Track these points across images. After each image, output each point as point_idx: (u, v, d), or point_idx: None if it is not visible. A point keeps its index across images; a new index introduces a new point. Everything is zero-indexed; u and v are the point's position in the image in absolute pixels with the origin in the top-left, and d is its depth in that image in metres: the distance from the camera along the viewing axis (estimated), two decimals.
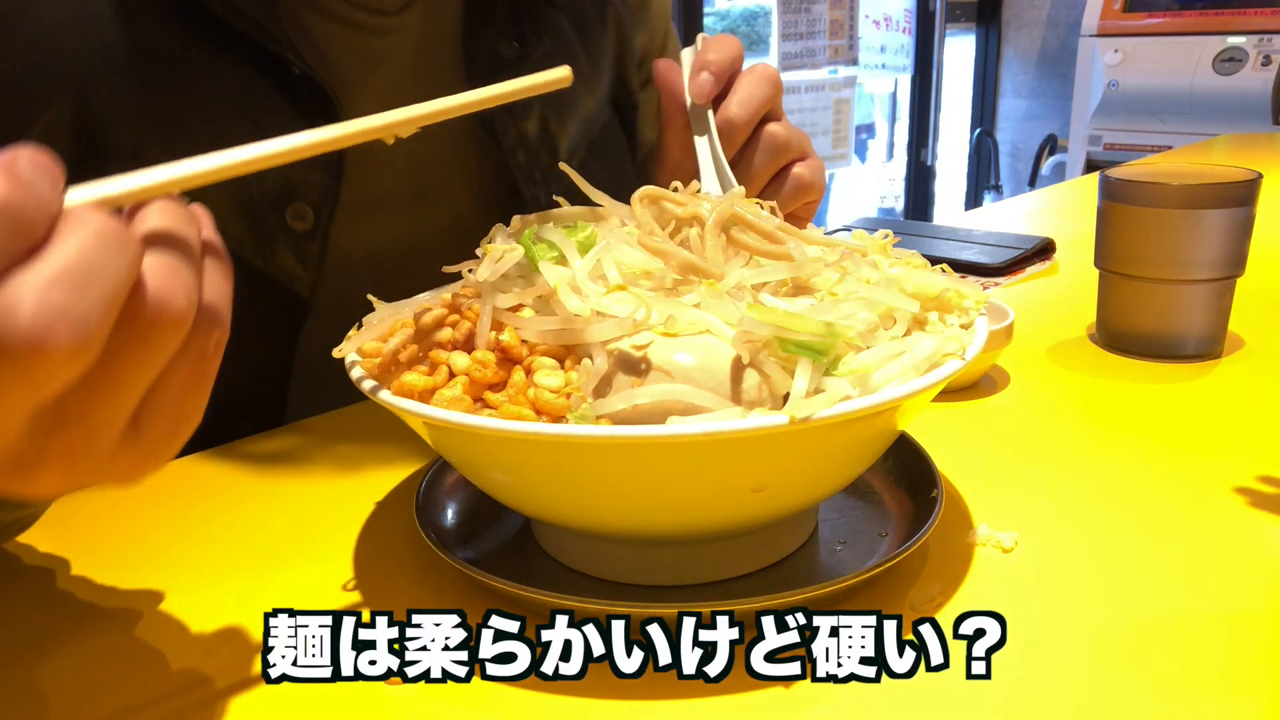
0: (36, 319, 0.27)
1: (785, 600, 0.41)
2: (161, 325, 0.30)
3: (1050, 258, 1.05)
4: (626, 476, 0.39)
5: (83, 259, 0.27)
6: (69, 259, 0.27)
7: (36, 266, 0.27)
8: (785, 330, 0.38)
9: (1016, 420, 0.65)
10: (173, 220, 0.32)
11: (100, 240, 0.28)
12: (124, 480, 0.32)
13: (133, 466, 0.32)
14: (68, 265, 0.27)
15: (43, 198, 0.27)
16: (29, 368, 0.27)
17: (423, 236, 0.71)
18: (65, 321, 0.27)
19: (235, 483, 0.59)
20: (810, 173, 0.71)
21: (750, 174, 0.69)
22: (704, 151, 0.67)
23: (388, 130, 0.36)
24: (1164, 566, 0.46)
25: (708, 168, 0.67)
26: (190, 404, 0.33)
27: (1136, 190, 0.71)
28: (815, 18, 3.51)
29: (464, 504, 0.52)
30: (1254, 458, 0.56)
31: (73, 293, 0.27)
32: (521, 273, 0.44)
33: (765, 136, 0.69)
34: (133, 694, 0.40)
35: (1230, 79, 3.17)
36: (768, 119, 0.69)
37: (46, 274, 0.27)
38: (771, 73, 0.70)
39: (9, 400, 0.28)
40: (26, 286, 0.27)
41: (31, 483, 0.31)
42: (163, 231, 0.31)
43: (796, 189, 0.71)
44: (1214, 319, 0.73)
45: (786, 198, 0.70)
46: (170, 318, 0.30)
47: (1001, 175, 4.25)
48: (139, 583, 0.47)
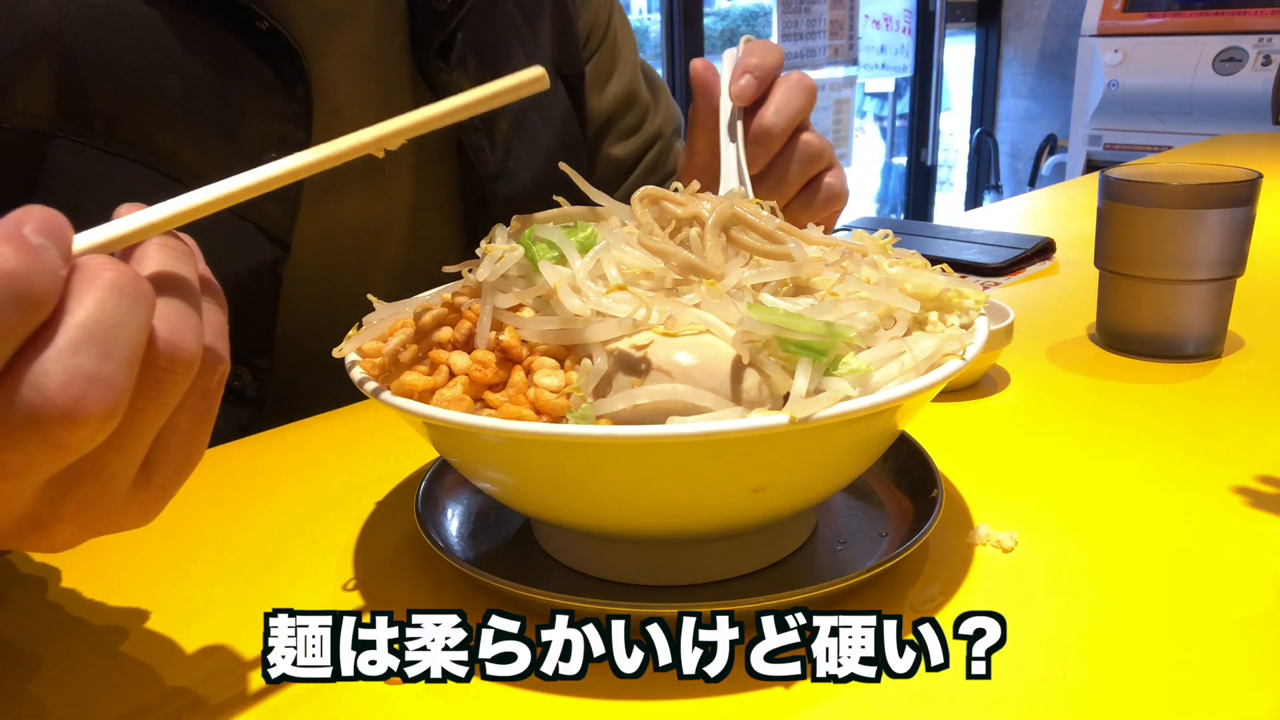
0: (68, 389, 0.26)
1: (785, 600, 0.41)
2: (174, 372, 0.29)
3: (1050, 258, 1.05)
4: (626, 476, 0.39)
5: (103, 318, 0.27)
6: (90, 320, 0.27)
7: (59, 334, 0.26)
8: (785, 330, 0.38)
9: (1016, 420, 0.65)
10: (172, 260, 0.31)
11: (117, 294, 0.27)
12: (135, 525, 0.32)
13: (143, 511, 0.32)
14: (89, 327, 0.27)
15: (53, 265, 0.27)
16: (61, 437, 0.26)
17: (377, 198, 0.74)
18: (96, 386, 0.26)
19: (235, 483, 0.59)
20: (839, 182, 0.73)
21: (785, 182, 0.70)
22: (729, 157, 0.68)
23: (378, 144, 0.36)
24: (1164, 566, 0.46)
25: (730, 173, 0.67)
26: (197, 442, 0.33)
27: (1136, 190, 0.71)
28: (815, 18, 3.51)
29: (464, 504, 0.52)
30: (1253, 458, 0.56)
31: (98, 356, 0.27)
32: (521, 273, 0.44)
33: (801, 146, 0.70)
34: (133, 694, 0.40)
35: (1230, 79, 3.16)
36: (801, 128, 0.70)
37: (70, 340, 0.26)
38: (808, 83, 0.71)
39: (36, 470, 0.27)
40: (52, 356, 0.26)
41: (48, 539, 0.31)
42: (165, 274, 0.31)
43: (827, 199, 0.72)
44: (1214, 319, 0.73)
45: (818, 207, 0.72)
46: (182, 363, 0.30)
47: (1001, 175, 4.25)
48: (139, 583, 0.47)
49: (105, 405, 0.27)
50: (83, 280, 0.27)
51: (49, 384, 0.26)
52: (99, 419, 0.27)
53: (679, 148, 0.96)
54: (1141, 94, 3.35)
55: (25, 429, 0.26)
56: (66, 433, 0.26)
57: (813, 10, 3.49)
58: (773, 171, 0.70)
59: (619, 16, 0.93)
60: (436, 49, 0.72)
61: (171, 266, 0.31)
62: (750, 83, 0.68)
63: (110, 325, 0.27)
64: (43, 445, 0.26)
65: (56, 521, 0.30)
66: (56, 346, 0.26)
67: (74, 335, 0.26)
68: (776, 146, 0.69)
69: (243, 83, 0.64)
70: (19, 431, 0.26)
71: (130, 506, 0.31)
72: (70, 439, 0.27)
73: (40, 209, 0.27)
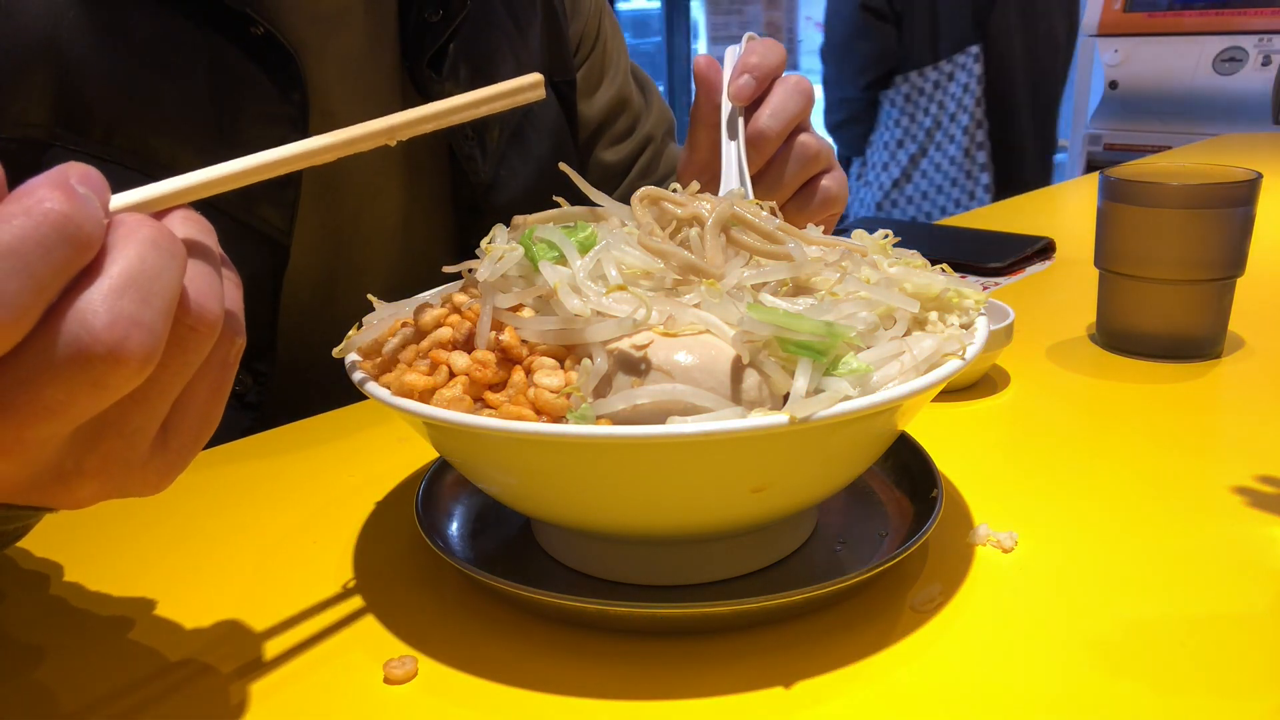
0: (113, 329, 0.27)
1: (785, 600, 0.41)
2: (200, 331, 0.30)
3: (1050, 258, 1.05)
4: (626, 476, 0.39)
5: (144, 268, 0.28)
6: (132, 269, 0.28)
7: (102, 278, 0.28)
8: (785, 330, 0.38)
9: (1016, 420, 0.65)
10: (196, 229, 0.32)
11: (155, 248, 0.29)
12: (150, 490, 0.33)
13: (159, 475, 0.33)
14: (131, 275, 0.28)
15: (96, 211, 0.28)
16: (104, 376, 0.27)
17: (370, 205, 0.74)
18: (137, 329, 0.27)
19: (235, 483, 0.59)
20: (837, 185, 0.73)
21: (781, 184, 0.70)
22: (730, 155, 0.68)
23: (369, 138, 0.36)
24: (1164, 566, 0.46)
25: (731, 171, 0.67)
26: (212, 412, 0.34)
27: (1136, 190, 0.71)
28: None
29: (464, 504, 0.52)
30: (1253, 458, 0.56)
31: (139, 302, 0.28)
32: (521, 273, 0.44)
33: (797, 147, 0.70)
34: (133, 694, 0.40)
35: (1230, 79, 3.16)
36: (799, 129, 0.70)
37: (114, 284, 0.28)
38: (806, 85, 0.71)
39: (74, 411, 0.28)
40: (97, 298, 0.27)
41: (70, 494, 0.31)
42: (192, 240, 0.32)
43: (824, 201, 0.72)
44: (1214, 319, 0.73)
45: (814, 209, 0.72)
46: (207, 323, 0.30)
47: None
48: (139, 583, 0.47)
49: (145, 349, 0.28)
50: (122, 234, 0.29)
51: (96, 322, 0.27)
52: (139, 360, 0.28)
53: (672, 150, 0.97)
54: (1141, 94, 3.34)
55: (69, 366, 0.27)
56: (109, 371, 0.27)
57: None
58: (769, 173, 0.70)
59: (609, 21, 0.93)
60: (428, 59, 0.72)
61: (197, 235, 0.32)
62: (749, 82, 0.68)
63: (150, 275, 0.28)
64: (85, 383, 0.27)
65: (79, 475, 0.31)
66: (101, 289, 0.27)
67: (117, 280, 0.28)
68: (771, 150, 0.69)
69: (238, 88, 0.64)
70: (62, 369, 0.27)
71: (147, 470, 0.32)
72: (112, 378, 0.27)
73: (81, 165, 0.28)
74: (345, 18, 0.70)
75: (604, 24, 0.92)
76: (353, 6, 0.70)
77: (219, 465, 0.61)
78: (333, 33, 0.69)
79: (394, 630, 0.43)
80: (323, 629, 0.43)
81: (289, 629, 0.43)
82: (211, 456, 0.62)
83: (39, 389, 0.27)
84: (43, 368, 0.27)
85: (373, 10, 0.72)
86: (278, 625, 0.44)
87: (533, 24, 0.83)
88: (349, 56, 0.70)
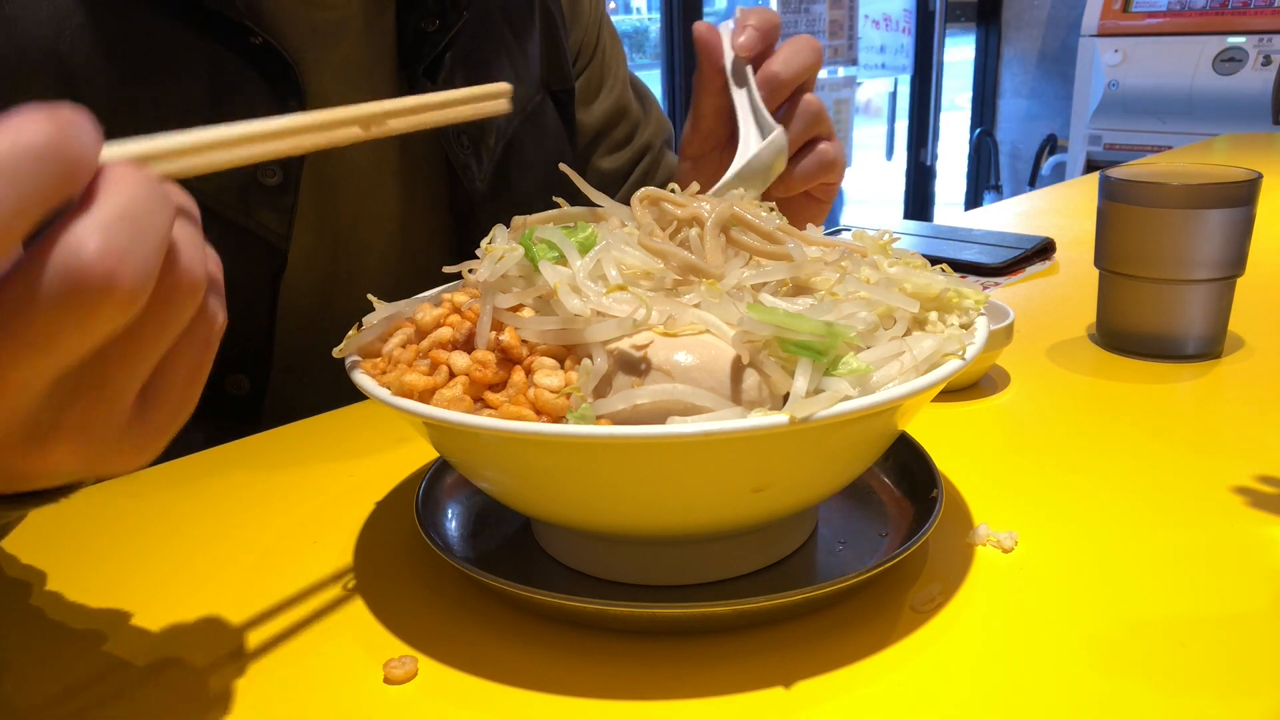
0: (104, 258, 0.26)
1: (785, 600, 0.41)
2: (183, 288, 0.30)
3: (1050, 258, 1.05)
4: (626, 476, 0.39)
5: (136, 205, 0.28)
6: (124, 204, 0.27)
7: (94, 210, 0.27)
8: (785, 330, 0.38)
9: (1016, 420, 0.65)
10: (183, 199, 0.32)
11: (147, 189, 0.28)
12: (123, 466, 0.33)
13: (136, 450, 0.32)
14: (124, 209, 0.27)
15: (86, 144, 0.27)
16: (93, 306, 0.27)
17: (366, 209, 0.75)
18: (128, 261, 0.27)
19: (236, 483, 0.59)
20: (835, 151, 0.72)
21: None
22: (743, 103, 0.68)
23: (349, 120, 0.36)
24: (1164, 566, 0.46)
25: (746, 118, 0.67)
26: (191, 390, 0.33)
27: (1136, 190, 0.71)
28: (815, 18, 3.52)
29: (464, 504, 0.52)
30: (1253, 458, 0.56)
31: (132, 235, 0.27)
32: (521, 273, 0.44)
33: (803, 103, 0.70)
34: (132, 694, 0.40)
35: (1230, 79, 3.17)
36: (804, 88, 0.70)
37: (105, 215, 0.27)
38: (814, 42, 0.71)
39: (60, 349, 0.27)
40: (89, 226, 0.27)
41: (44, 456, 0.31)
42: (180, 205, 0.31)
43: (820, 164, 0.71)
44: (1214, 319, 0.73)
45: (810, 170, 0.71)
46: (191, 281, 0.30)
47: (1001, 175, 4.25)
48: (138, 583, 0.47)
49: (135, 282, 0.27)
50: (113, 176, 0.28)
51: (86, 251, 0.26)
52: (128, 292, 0.27)
53: (669, 159, 0.97)
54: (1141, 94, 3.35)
55: (56, 296, 0.26)
56: (98, 301, 0.27)
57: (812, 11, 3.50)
58: None
59: (608, 31, 0.93)
60: (425, 68, 0.72)
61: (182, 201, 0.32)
62: (753, 34, 0.68)
63: (143, 213, 0.28)
64: (72, 314, 0.27)
65: (55, 433, 0.30)
66: (93, 219, 0.27)
67: (110, 213, 0.27)
68: (782, 97, 0.68)
69: (238, 97, 0.65)
70: (50, 298, 0.26)
71: (124, 441, 0.31)
72: (101, 309, 0.27)
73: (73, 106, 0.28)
74: (344, 28, 0.70)
75: (603, 34, 0.92)
76: (352, 17, 0.70)
77: (219, 466, 0.61)
78: (331, 43, 0.70)
79: (394, 630, 0.43)
80: (323, 629, 0.43)
81: (289, 629, 0.43)
82: (211, 457, 0.62)
83: (26, 320, 0.26)
84: (30, 297, 0.26)
85: (371, 20, 0.72)
86: (278, 625, 0.44)
87: (531, 33, 0.83)
88: (347, 66, 0.71)
